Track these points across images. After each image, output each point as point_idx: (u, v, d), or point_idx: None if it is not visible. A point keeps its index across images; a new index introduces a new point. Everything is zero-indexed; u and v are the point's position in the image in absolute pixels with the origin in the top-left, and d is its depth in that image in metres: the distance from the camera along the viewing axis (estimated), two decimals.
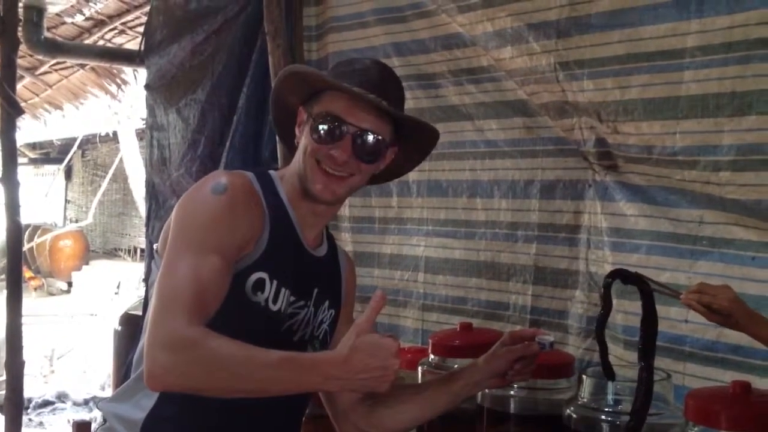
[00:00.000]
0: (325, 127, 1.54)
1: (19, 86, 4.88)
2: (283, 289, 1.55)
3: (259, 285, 1.52)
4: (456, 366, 1.92)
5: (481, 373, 1.65)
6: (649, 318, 1.52)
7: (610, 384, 1.62)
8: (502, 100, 2.32)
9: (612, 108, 1.97)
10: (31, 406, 6.27)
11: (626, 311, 1.97)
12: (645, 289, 1.54)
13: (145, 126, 3.87)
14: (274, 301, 1.54)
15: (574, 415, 1.62)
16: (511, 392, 1.73)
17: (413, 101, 2.55)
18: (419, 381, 1.95)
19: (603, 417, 1.59)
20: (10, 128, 3.60)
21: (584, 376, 1.66)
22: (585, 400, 1.63)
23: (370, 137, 1.56)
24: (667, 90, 1.89)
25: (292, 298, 1.58)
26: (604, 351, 1.56)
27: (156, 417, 1.54)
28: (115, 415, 1.59)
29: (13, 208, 3.53)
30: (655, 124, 1.91)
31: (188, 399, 1.51)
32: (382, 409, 1.68)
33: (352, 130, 1.55)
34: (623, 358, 1.96)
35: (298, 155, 1.60)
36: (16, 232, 3.59)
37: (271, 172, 1.65)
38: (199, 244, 1.47)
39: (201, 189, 1.54)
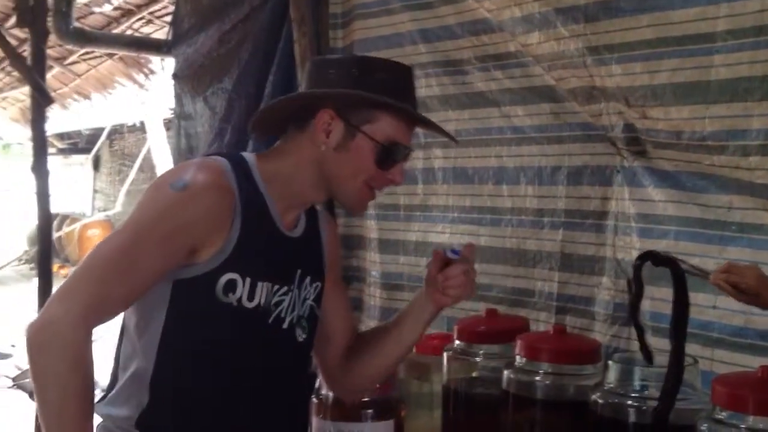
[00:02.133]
0: (392, 154, 1.56)
1: (48, 76, 4.92)
2: (259, 284, 1.54)
3: (231, 286, 1.51)
4: (482, 352, 1.93)
5: (419, 305, 1.68)
6: (681, 300, 1.50)
7: (636, 370, 1.61)
8: (529, 85, 2.30)
9: (640, 93, 1.96)
10: None
11: (653, 297, 1.95)
12: (677, 270, 1.52)
13: (172, 115, 3.90)
14: (250, 298, 1.53)
15: (601, 401, 1.61)
16: (537, 378, 1.73)
17: (439, 88, 2.55)
18: (445, 369, 1.95)
19: (629, 403, 1.58)
20: (40, 118, 3.64)
21: (611, 362, 1.65)
22: (611, 385, 1.62)
23: (411, 151, 1.62)
24: (697, 74, 1.87)
25: (276, 287, 1.57)
26: (641, 334, 1.55)
27: (150, 415, 1.54)
28: (109, 416, 1.59)
29: (43, 197, 3.58)
30: (684, 108, 1.89)
31: (182, 396, 1.53)
32: (352, 365, 1.73)
33: (407, 152, 1.60)
34: (650, 343, 1.95)
35: (342, 170, 1.58)
36: (46, 221, 3.64)
37: (247, 156, 1.61)
38: (142, 235, 1.47)
39: (165, 179, 1.53)
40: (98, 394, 1.58)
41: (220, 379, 1.56)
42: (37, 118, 3.63)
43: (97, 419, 1.62)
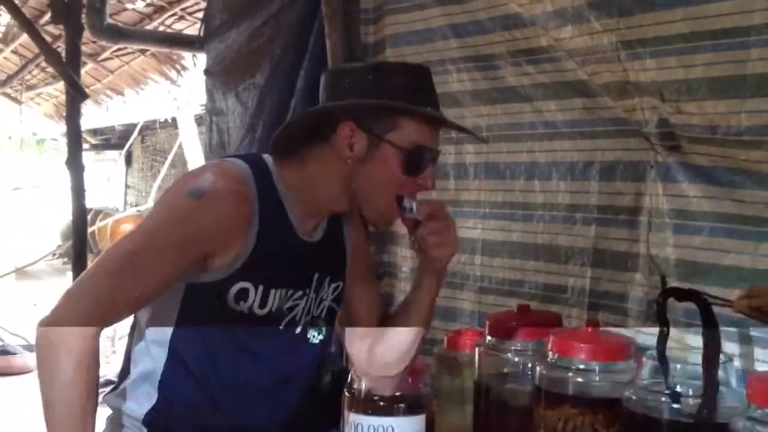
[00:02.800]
0: (420, 159, 1.53)
1: (81, 72, 4.99)
2: (272, 291, 1.54)
3: (242, 294, 1.51)
4: (514, 348, 1.92)
5: (419, 276, 1.70)
6: (711, 333, 1.48)
7: (670, 367, 1.60)
8: (562, 80, 2.29)
9: (675, 87, 1.94)
10: None
11: None
12: (701, 303, 1.50)
13: (204, 111, 3.93)
14: (262, 306, 1.53)
15: (634, 398, 1.60)
16: (569, 374, 1.72)
17: (471, 83, 2.54)
18: (476, 365, 1.95)
19: (663, 400, 1.57)
20: (75, 113, 3.70)
21: (644, 359, 1.63)
22: (645, 382, 1.61)
23: (439, 153, 1.59)
24: (733, 68, 1.84)
25: (290, 292, 1.57)
26: (666, 371, 1.53)
27: (159, 413, 1.56)
28: (119, 409, 1.61)
29: (78, 192, 3.63)
30: (720, 103, 1.87)
31: (191, 397, 1.55)
32: (378, 347, 1.74)
33: (435, 155, 1.57)
34: (683, 341, 1.93)
35: (371, 181, 1.55)
36: (81, 215, 3.69)
37: (268, 160, 1.59)
38: (156, 241, 1.47)
39: (182, 184, 1.52)
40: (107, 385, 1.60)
41: (230, 383, 1.57)
42: (71, 113, 3.69)
43: (107, 410, 1.64)
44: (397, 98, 1.51)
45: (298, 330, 1.61)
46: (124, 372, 1.63)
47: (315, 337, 1.64)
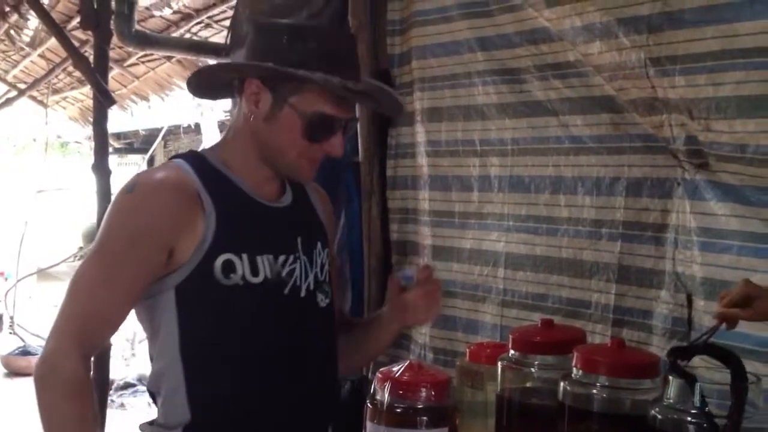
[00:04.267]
0: (322, 127, 1.53)
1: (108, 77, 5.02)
2: (258, 257, 1.53)
3: (229, 266, 1.51)
4: (537, 363, 1.91)
5: (386, 320, 1.74)
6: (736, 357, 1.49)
7: (697, 385, 1.59)
8: (589, 95, 2.29)
9: (704, 105, 1.93)
10: (113, 387, 6.47)
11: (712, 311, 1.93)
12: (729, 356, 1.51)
13: (227, 117, 3.95)
14: (254, 273, 1.52)
15: (660, 416, 1.59)
16: (594, 391, 1.71)
17: (496, 96, 2.55)
18: (499, 378, 1.94)
19: (689, 419, 1.56)
20: (102, 118, 3.72)
21: (670, 377, 1.63)
22: (671, 401, 1.60)
23: (354, 123, 1.62)
24: (763, 87, 1.84)
25: (281, 257, 1.56)
26: (693, 390, 1.53)
27: (195, 426, 1.55)
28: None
29: (104, 195, 3.65)
30: (750, 122, 1.86)
31: (222, 398, 1.54)
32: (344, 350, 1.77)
33: (343, 123, 1.55)
34: (710, 359, 1.92)
35: (274, 142, 1.56)
36: None
37: (202, 150, 1.65)
38: (110, 247, 1.50)
39: (119, 190, 1.55)
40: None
41: (252, 367, 1.56)
42: (98, 119, 3.71)
43: None
44: (309, 62, 1.50)
45: (303, 294, 1.60)
46: (155, 402, 1.63)
47: (323, 300, 1.64)
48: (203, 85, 1.69)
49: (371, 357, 1.86)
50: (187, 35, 5.64)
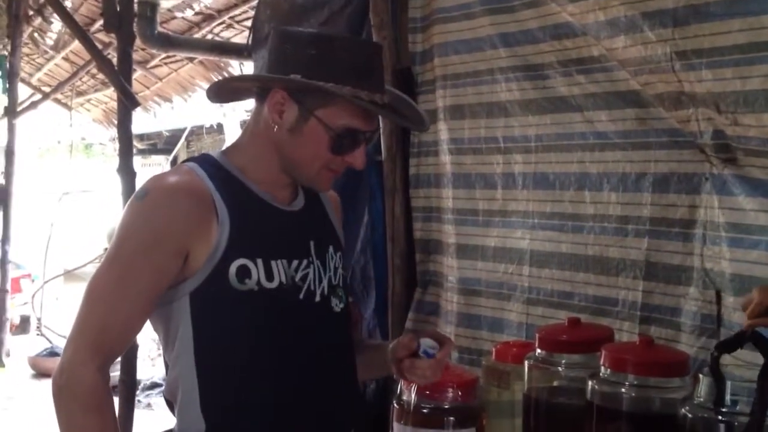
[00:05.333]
0: (348, 141, 1.52)
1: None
2: (273, 262, 1.52)
3: (244, 272, 1.49)
4: (564, 362, 1.90)
5: (386, 360, 1.68)
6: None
7: (727, 384, 1.57)
8: (614, 90, 2.26)
9: (732, 99, 1.90)
10: (140, 387, 6.52)
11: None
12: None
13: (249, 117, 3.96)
14: (269, 278, 1.51)
15: (690, 415, 1.57)
16: (622, 390, 1.70)
17: (519, 92, 2.53)
18: (526, 378, 1.93)
19: (720, 418, 1.54)
20: (126, 119, 3.75)
21: (701, 376, 1.60)
22: (701, 399, 1.58)
23: (376, 134, 1.60)
24: None
25: (294, 262, 1.55)
26: (722, 388, 1.51)
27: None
28: None
29: (129, 196, 3.67)
30: None
31: (236, 408, 1.52)
32: None
33: (368, 136, 1.55)
34: (740, 357, 1.89)
35: (297, 153, 1.55)
36: None
37: (214, 153, 1.62)
38: (124, 254, 1.48)
39: (130, 199, 1.54)
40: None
41: (267, 374, 1.54)
42: (123, 121, 3.74)
43: None
44: (336, 74, 1.48)
45: (318, 299, 1.58)
46: (173, 412, 1.62)
47: (338, 305, 1.62)
48: (222, 93, 1.70)
49: (367, 379, 1.79)
50: (209, 36, 5.68)
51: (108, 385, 1.48)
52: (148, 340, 7.45)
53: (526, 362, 1.95)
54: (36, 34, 7.52)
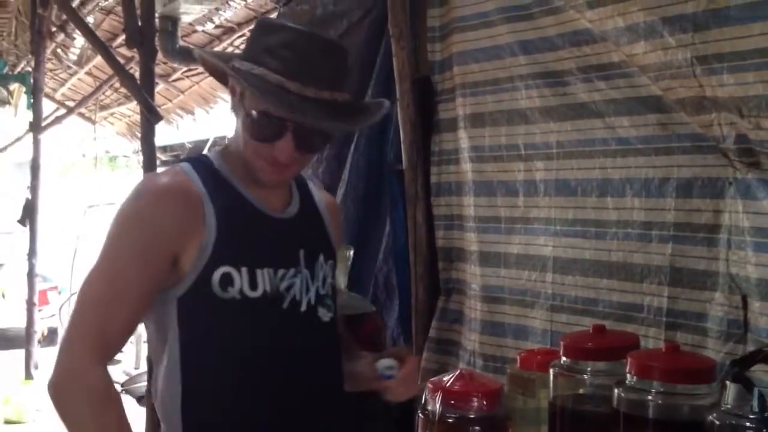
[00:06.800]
0: (266, 127, 1.47)
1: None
2: (258, 271, 1.49)
3: (227, 279, 1.47)
4: (589, 369, 1.89)
5: (366, 375, 1.68)
6: None
7: (756, 390, 1.55)
8: (635, 96, 2.26)
9: (754, 103, 1.89)
10: None
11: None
12: None
13: None
14: (253, 287, 1.48)
15: (717, 422, 1.56)
16: (649, 397, 1.68)
17: (540, 100, 2.53)
18: (551, 385, 1.92)
19: (748, 425, 1.53)
20: (150, 133, 3.79)
21: (728, 382, 1.59)
22: (729, 406, 1.57)
23: (320, 135, 1.51)
24: None
25: (281, 271, 1.52)
26: (751, 395, 1.50)
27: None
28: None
29: None
30: None
31: (217, 414, 1.52)
32: None
33: (293, 127, 1.47)
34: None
35: (238, 136, 1.53)
36: None
37: (211, 154, 1.60)
38: (116, 254, 1.47)
39: (124, 198, 1.53)
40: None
41: (252, 385, 1.52)
42: (146, 134, 3.78)
43: None
44: (266, 61, 1.46)
45: (304, 308, 1.56)
46: (159, 414, 1.61)
47: (325, 314, 1.60)
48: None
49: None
50: (230, 49, 5.71)
51: (113, 382, 1.48)
52: None
53: (551, 370, 1.94)
54: (59, 50, 7.61)
